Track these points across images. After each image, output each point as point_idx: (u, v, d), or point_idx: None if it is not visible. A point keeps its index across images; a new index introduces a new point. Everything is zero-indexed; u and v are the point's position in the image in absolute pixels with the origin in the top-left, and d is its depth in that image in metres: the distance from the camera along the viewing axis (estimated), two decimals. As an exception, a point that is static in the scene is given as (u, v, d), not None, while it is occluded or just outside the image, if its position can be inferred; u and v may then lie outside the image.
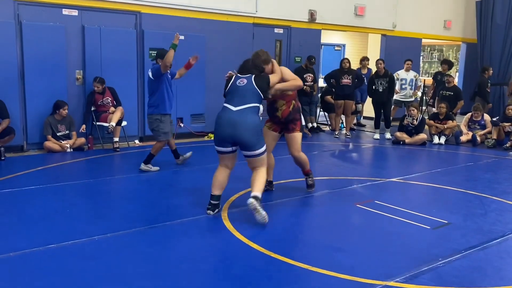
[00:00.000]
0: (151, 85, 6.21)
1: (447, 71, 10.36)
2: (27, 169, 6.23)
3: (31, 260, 3.52)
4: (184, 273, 3.38)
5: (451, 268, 3.56)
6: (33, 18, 7.20)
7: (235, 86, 4.62)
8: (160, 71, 6.04)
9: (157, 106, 6.18)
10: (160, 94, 6.18)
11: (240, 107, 4.49)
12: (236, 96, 4.56)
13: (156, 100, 6.18)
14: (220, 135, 4.49)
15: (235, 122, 4.41)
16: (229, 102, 4.57)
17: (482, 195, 5.60)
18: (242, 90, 4.56)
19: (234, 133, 4.41)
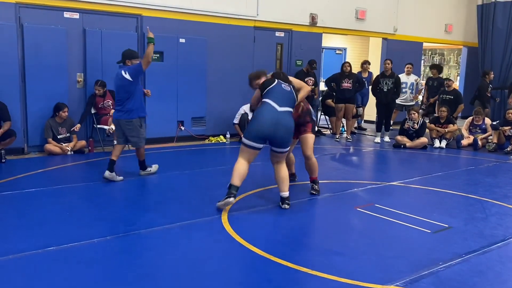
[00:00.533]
0: (128, 88, 5.72)
1: (437, 75, 10.36)
2: (27, 171, 6.24)
3: (30, 263, 3.51)
4: (184, 276, 3.38)
5: (451, 272, 3.55)
6: (34, 20, 7.21)
7: (281, 88, 4.98)
8: (141, 69, 5.71)
9: (137, 110, 5.82)
10: (138, 96, 5.83)
11: (284, 109, 4.86)
12: (281, 97, 4.90)
13: (135, 103, 5.78)
14: (261, 132, 4.74)
15: (278, 122, 4.76)
16: (275, 100, 4.85)
17: (483, 199, 5.59)
18: (288, 94, 4.96)
19: (276, 131, 4.74)
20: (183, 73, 8.67)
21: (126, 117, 5.77)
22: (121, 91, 5.77)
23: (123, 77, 5.69)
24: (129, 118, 5.78)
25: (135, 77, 5.70)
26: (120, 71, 5.76)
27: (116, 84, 5.86)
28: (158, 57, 8.41)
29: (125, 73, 5.69)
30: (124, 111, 5.79)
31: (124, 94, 5.75)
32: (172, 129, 8.80)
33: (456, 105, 9.95)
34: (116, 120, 5.95)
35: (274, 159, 4.99)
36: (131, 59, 5.79)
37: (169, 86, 8.58)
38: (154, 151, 8.05)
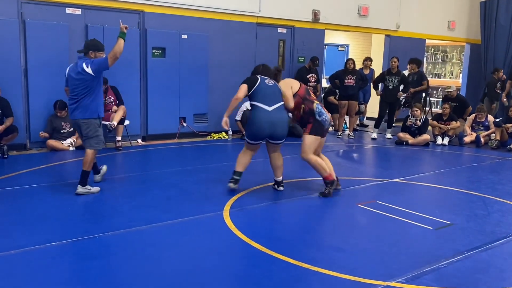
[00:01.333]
0: (89, 83, 5.03)
1: (417, 69, 10.25)
2: (29, 167, 6.25)
3: (32, 258, 3.52)
4: (185, 272, 3.38)
5: (453, 269, 3.55)
6: (36, 16, 7.22)
7: (265, 85, 5.11)
8: (107, 65, 5.00)
9: (95, 109, 5.14)
10: (98, 94, 5.17)
11: (275, 106, 5.08)
12: (267, 95, 5.08)
13: (93, 101, 5.10)
14: (260, 134, 5.08)
15: (274, 121, 5.04)
16: (263, 102, 5.05)
17: (485, 196, 5.58)
18: (273, 89, 5.15)
19: (274, 131, 5.07)
20: (185, 69, 8.67)
21: (83, 116, 5.11)
22: (80, 86, 5.04)
23: (84, 71, 4.98)
24: (86, 116, 5.11)
25: (98, 73, 5.03)
26: (80, 63, 5.03)
27: (72, 77, 5.09)
28: (160, 53, 8.42)
29: (87, 66, 4.99)
30: (80, 109, 5.11)
31: (82, 90, 5.04)
32: (174, 126, 8.80)
33: (463, 110, 9.95)
34: (74, 122, 5.32)
35: (271, 149, 5.31)
36: (95, 51, 5.10)
37: (171, 83, 8.59)
38: (156, 147, 8.07)
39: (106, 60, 4.99)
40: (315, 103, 5.23)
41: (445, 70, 15.45)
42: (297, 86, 5.29)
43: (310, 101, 5.22)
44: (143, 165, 7.10)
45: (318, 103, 5.26)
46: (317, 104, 5.23)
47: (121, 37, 5.04)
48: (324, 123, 5.21)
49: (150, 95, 8.43)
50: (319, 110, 5.19)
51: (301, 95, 5.23)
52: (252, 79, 5.18)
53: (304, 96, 5.24)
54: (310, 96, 5.31)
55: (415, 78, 10.14)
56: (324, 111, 5.24)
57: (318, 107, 5.20)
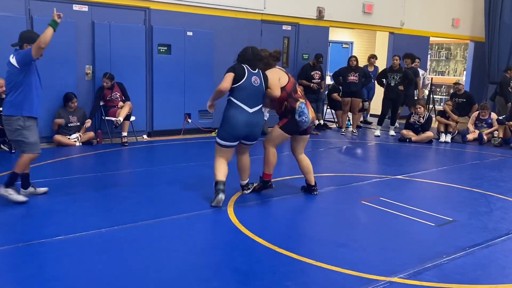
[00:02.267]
0: (15, 77, 4.50)
1: (410, 65, 10.25)
2: (36, 162, 6.23)
3: (39, 251, 3.56)
4: (190, 266, 3.42)
5: (455, 265, 3.57)
6: (44, 13, 7.26)
7: (250, 85, 4.73)
8: (31, 56, 4.42)
9: (19, 105, 4.52)
10: (25, 90, 4.53)
11: (255, 108, 4.79)
12: (251, 96, 4.74)
13: (18, 97, 4.51)
14: (237, 135, 4.76)
15: (252, 124, 4.75)
16: (244, 103, 4.71)
17: (487, 193, 5.61)
18: (257, 90, 4.77)
19: (250, 133, 4.80)
20: (190, 66, 8.72)
21: (4, 112, 4.60)
22: (7, 79, 4.60)
23: (10, 63, 4.51)
24: (7, 113, 4.57)
25: (22, 65, 4.48)
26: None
27: (6, 71, 4.64)
28: (166, 50, 8.47)
29: (13, 57, 4.52)
30: (5, 105, 4.62)
31: (9, 84, 4.59)
32: (179, 122, 8.86)
33: (469, 107, 9.99)
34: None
35: (242, 150, 5.01)
36: (30, 43, 4.56)
37: (176, 79, 8.64)
38: (162, 143, 8.13)
39: (29, 51, 4.44)
40: (299, 101, 4.90)
41: (449, 68, 15.44)
42: (285, 80, 4.95)
43: (294, 100, 4.91)
44: (149, 160, 7.16)
45: (303, 102, 4.92)
46: (302, 102, 4.90)
47: (51, 26, 4.48)
48: (301, 123, 4.88)
49: (155, 91, 8.49)
50: (301, 110, 4.85)
51: (287, 91, 4.92)
52: (240, 70, 4.73)
53: (290, 92, 4.94)
54: (296, 93, 4.99)
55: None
56: (306, 112, 4.86)
57: (301, 106, 4.87)
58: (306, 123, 4.89)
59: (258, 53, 4.91)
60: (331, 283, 3.25)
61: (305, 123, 4.89)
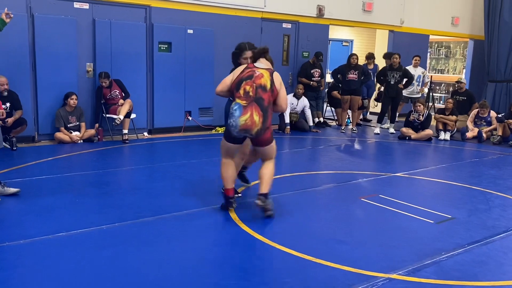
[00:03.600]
0: None
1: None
2: (38, 159, 6.34)
3: (40, 248, 3.58)
4: (190, 263, 3.44)
5: (454, 262, 3.60)
6: (45, 11, 7.30)
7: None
8: None
9: None
10: None
11: None
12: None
13: None
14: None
15: None
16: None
17: (486, 191, 5.64)
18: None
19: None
20: (191, 63, 8.74)
21: None
22: None
23: None
24: None
25: None
26: None
27: None
28: (166, 48, 8.49)
29: None
30: None
31: None
32: (180, 119, 8.88)
33: (470, 105, 10.04)
34: None
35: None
36: None
37: (177, 77, 8.66)
38: (162, 141, 8.16)
39: None
40: (235, 101, 4.17)
41: (448, 66, 15.45)
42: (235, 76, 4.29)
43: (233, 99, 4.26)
44: (149, 158, 7.18)
45: (238, 103, 4.11)
46: (236, 103, 4.12)
47: None
48: (229, 127, 4.14)
49: (156, 89, 8.52)
50: (231, 111, 4.12)
51: (231, 88, 4.28)
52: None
53: (233, 90, 4.25)
54: (238, 92, 4.18)
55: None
56: (236, 114, 4.06)
57: (233, 107, 4.11)
58: (232, 127, 4.09)
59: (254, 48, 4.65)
60: (331, 279, 3.27)
61: (232, 127, 4.10)
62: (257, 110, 4.11)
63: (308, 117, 9.65)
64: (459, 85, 10.19)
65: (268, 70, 4.33)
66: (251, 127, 4.09)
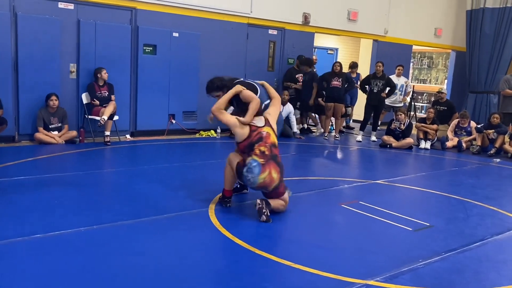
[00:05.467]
0: None
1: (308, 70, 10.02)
2: (17, 159, 6.26)
3: (16, 250, 3.53)
4: (168, 267, 3.42)
5: (430, 269, 3.63)
6: (28, 10, 7.22)
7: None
8: None
9: None
10: None
11: None
12: None
13: None
14: None
15: None
16: None
17: (464, 200, 5.72)
18: None
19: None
20: (176, 67, 8.73)
21: None
22: None
23: None
24: None
25: None
26: None
27: None
28: (151, 50, 8.47)
29: None
30: None
31: None
32: (163, 122, 8.85)
33: (450, 115, 10.20)
34: None
35: None
36: None
37: (161, 79, 8.64)
38: (145, 143, 8.11)
39: None
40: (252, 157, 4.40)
41: (431, 76, 15.68)
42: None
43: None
44: (131, 160, 7.14)
45: (256, 160, 4.36)
46: (254, 160, 4.37)
47: None
48: (246, 181, 4.40)
49: (140, 91, 8.48)
50: (251, 166, 4.33)
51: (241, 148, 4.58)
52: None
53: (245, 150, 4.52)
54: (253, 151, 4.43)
55: (306, 78, 10.08)
56: (256, 171, 4.30)
57: (253, 163, 4.34)
58: (249, 183, 4.38)
59: None
60: (309, 285, 3.28)
61: (249, 182, 4.38)
62: (274, 167, 4.43)
63: (292, 123, 9.70)
64: (440, 95, 10.37)
65: (267, 124, 4.61)
66: (270, 184, 4.42)
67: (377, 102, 9.66)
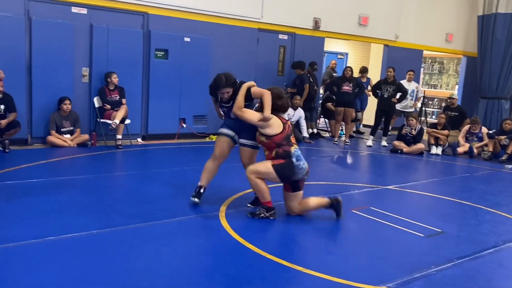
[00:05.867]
0: None
1: (301, 73, 9.98)
2: (30, 162, 6.32)
3: (29, 252, 3.55)
4: (179, 271, 3.44)
5: (442, 276, 3.61)
6: (43, 14, 7.31)
7: None
8: None
9: None
10: None
11: None
12: None
13: None
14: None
15: None
16: None
17: (476, 206, 5.69)
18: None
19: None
20: (187, 71, 8.78)
21: None
22: None
23: None
24: None
25: None
26: None
27: None
28: (163, 55, 8.53)
29: None
30: None
31: None
32: (174, 126, 8.90)
33: (461, 120, 10.16)
34: None
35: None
36: None
37: (172, 84, 8.69)
38: (156, 147, 8.16)
39: None
40: (295, 147, 4.62)
41: (441, 82, 15.61)
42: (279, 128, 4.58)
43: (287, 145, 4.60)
44: (142, 164, 7.18)
45: (298, 149, 4.64)
46: (297, 149, 4.63)
47: None
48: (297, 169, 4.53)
49: (151, 95, 8.54)
50: (298, 154, 4.58)
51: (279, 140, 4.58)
52: None
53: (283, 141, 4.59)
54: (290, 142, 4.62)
55: (296, 82, 10.03)
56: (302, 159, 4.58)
57: (298, 152, 4.60)
58: (302, 169, 4.56)
59: None
60: (321, 290, 3.28)
61: (301, 169, 4.56)
62: None
63: (302, 128, 9.71)
64: (451, 100, 10.33)
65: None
66: (308, 171, 4.70)
67: (388, 107, 9.64)
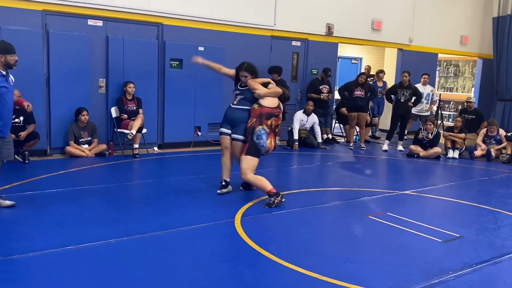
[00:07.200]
0: None
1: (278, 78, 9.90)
2: (49, 172, 6.43)
3: (49, 261, 3.61)
4: (195, 278, 3.46)
5: (461, 282, 3.58)
6: (60, 27, 7.46)
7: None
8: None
9: None
10: None
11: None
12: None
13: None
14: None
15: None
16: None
17: (495, 210, 5.62)
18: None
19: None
20: (201, 80, 8.85)
21: None
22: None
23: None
24: None
25: None
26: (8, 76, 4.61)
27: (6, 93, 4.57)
28: (178, 65, 8.62)
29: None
30: None
31: None
32: (189, 134, 8.97)
33: (478, 123, 10.05)
34: None
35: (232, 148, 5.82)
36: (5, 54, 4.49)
37: (187, 92, 8.77)
38: (172, 155, 8.23)
39: None
40: (262, 126, 5.39)
41: (457, 84, 15.46)
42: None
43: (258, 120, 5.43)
44: (159, 172, 7.25)
45: (264, 128, 5.38)
46: (263, 128, 5.38)
47: None
48: (260, 147, 5.38)
49: (167, 104, 8.63)
50: (260, 133, 5.36)
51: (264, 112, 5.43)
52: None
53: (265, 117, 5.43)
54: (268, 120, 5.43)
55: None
56: (264, 138, 5.35)
57: (262, 131, 5.37)
58: (263, 148, 5.37)
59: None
60: (337, 296, 3.28)
61: (263, 148, 5.37)
62: (273, 137, 5.48)
63: (317, 134, 9.71)
64: (468, 104, 10.23)
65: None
66: (270, 149, 5.46)
67: (404, 112, 9.58)
